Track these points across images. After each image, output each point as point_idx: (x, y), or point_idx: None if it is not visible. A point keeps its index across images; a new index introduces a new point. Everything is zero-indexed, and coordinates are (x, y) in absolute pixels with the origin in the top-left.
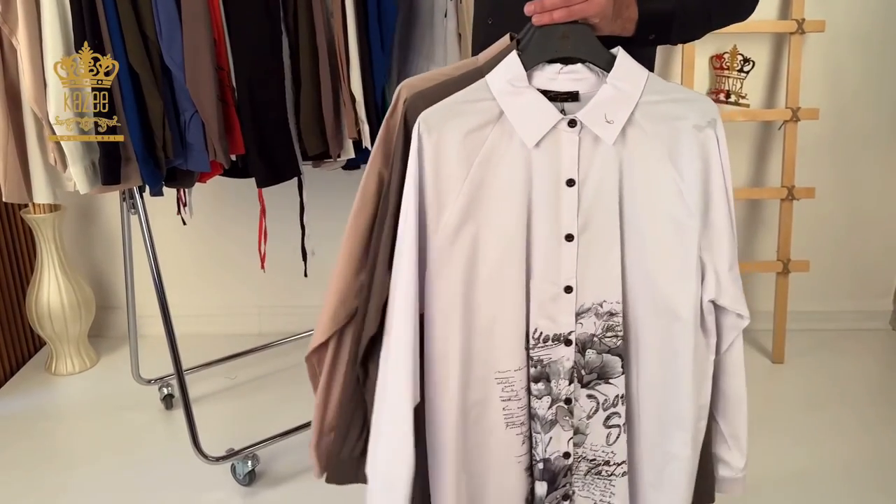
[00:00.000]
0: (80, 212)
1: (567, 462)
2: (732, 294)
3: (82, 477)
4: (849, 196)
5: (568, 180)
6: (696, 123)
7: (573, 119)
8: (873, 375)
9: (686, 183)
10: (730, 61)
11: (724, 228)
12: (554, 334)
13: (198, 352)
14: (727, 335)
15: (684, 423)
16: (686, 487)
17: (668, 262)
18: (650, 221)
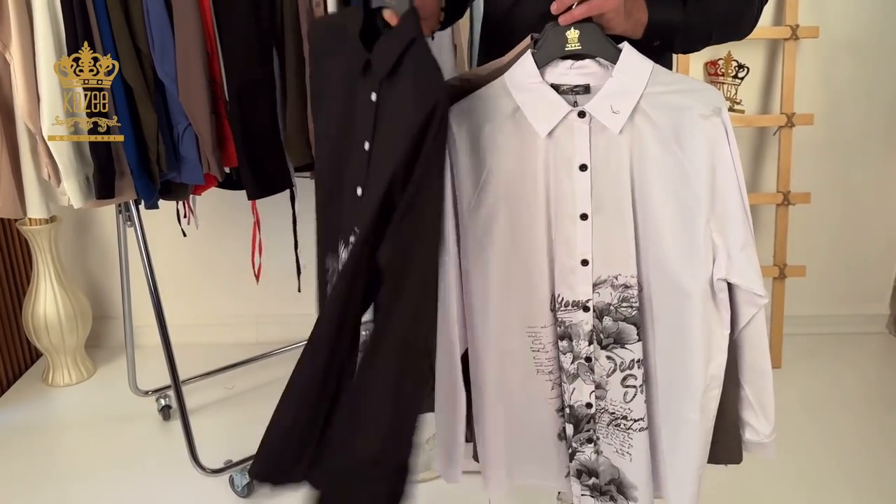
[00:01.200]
0: (76, 223)
1: (589, 411)
2: (746, 273)
3: (79, 489)
4: (844, 201)
5: (581, 165)
6: (701, 112)
7: (582, 110)
8: (870, 380)
9: (693, 167)
10: (724, 68)
11: (735, 210)
12: (573, 300)
13: (195, 362)
14: (745, 312)
15: (693, 390)
16: (698, 448)
17: (677, 241)
18: (660, 204)
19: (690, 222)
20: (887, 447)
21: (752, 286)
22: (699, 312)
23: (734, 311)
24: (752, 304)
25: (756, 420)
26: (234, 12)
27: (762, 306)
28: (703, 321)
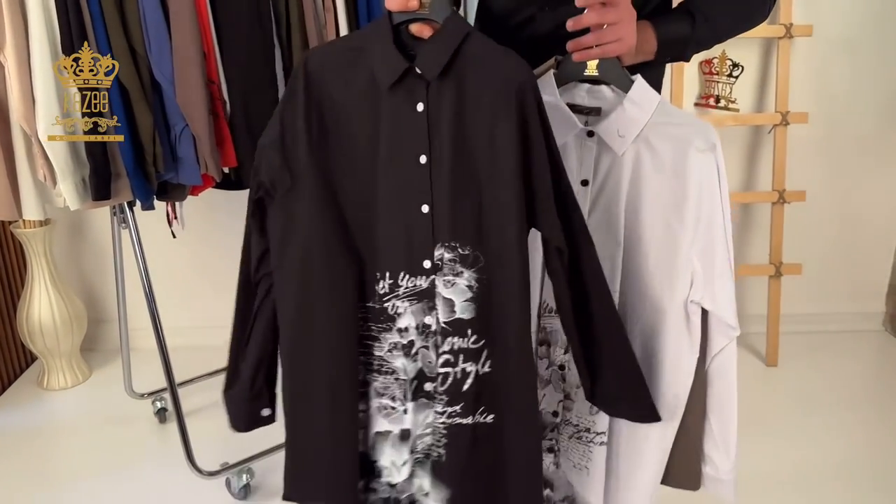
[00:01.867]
0: (70, 226)
1: (555, 420)
2: (720, 301)
3: (75, 493)
4: (839, 198)
5: (582, 181)
6: (697, 146)
7: (591, 130)
8: (867, 377)
9: (684, 195)
10: (719, 66)
11: (717, 240)
12: (555, 308)
13: (191, 364)
14: (717, 341)
15: (658, 406)
16: (654, 468)
17: (659, 261)
18: (648, 225)
19: (674, 245)
20: (884, 444)
21: (723, 315)
22: (672, 332)
23: (707, 339)
24: (723, 335)
25: (717, 454)
26: (235, 13)
27: (733, 338)
28: (675, 342)
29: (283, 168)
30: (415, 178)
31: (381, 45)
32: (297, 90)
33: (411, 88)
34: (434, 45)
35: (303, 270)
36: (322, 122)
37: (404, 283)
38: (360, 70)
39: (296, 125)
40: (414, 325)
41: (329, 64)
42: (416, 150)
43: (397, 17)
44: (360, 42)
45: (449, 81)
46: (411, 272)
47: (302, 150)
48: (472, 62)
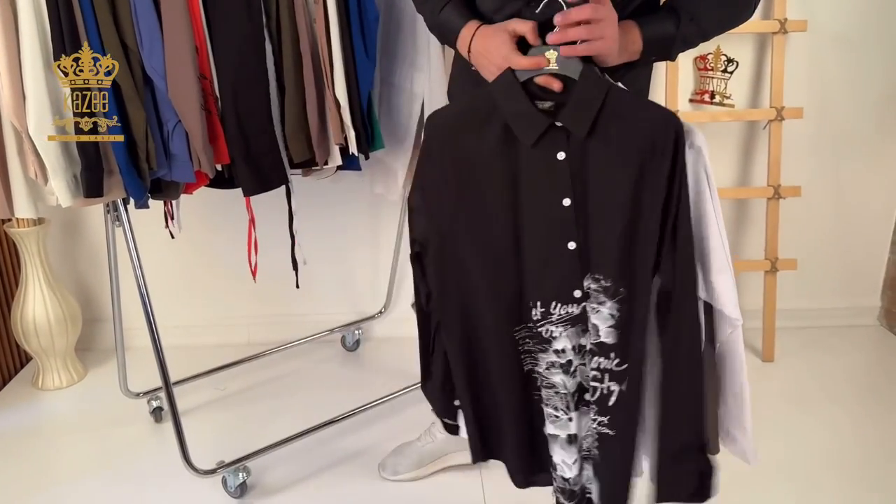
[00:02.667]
0: (64, 225)
1: None
2: (721, 298)
3: (71, 493)
4: (835, 193)
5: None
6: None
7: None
8: (862, 372)
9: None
10: (713, 62)
11: (712, 236)
12: None
13: (187, 363)
14: (722, 329)
15: None
16: None
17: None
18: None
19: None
20: (879, 439)
21: (725, 309)
22: None
23: (713, 327)
24: (728, 324)
25: (736, 430)
26: (226, 7)
27: (738, 326)
28: None
29: (431, 228)
30: (559, 219)
31: (515, 103)
32: (432, 154)
33: (551, 140)
34: (578, 102)
35: (462, 310)
36: (460, 178)
37: (556, 311)
38: (492, 126)
39: (436, 188)
40: (570, 347)
41: (458, 125)
42: (559, 195)
43: (523, 73)
44: (486, 101)
45: (603, 130)
46: (562, 301)
47: (444, 210)
48: (616, 115)
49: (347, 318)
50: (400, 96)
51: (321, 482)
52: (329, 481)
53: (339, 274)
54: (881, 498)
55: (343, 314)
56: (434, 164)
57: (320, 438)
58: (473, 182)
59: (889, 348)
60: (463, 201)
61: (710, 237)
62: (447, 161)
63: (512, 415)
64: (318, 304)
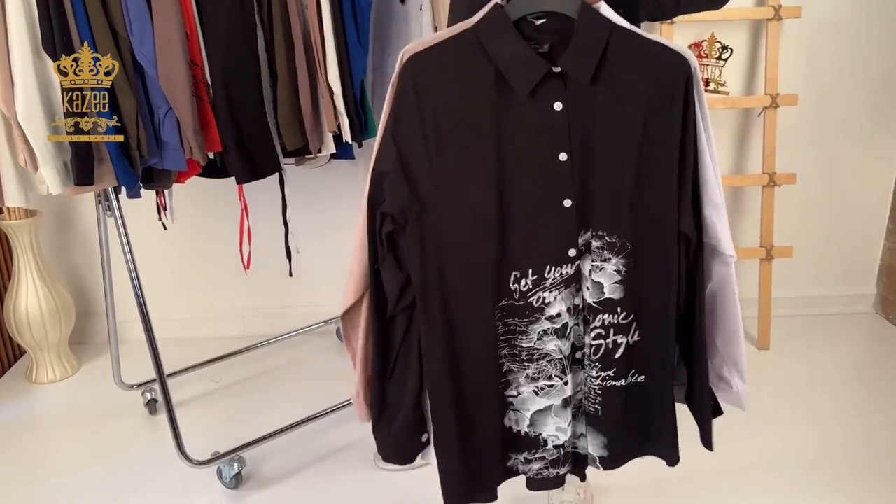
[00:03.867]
0: (57, 217)
1: None
2: (712, 231)
3: (66, 486)
4: (830, 180)
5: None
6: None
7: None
8: (858, 360)
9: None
10: (708, 49)
11: (705, 169)
12: None
13: (182, 355)
14: (715, 267)
15: None
16: None
17: None
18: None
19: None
20: (876, 426)
21: (718, 245)
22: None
23: (705, 267)
24: (720, 262)
25: (728, 372)
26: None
27: (731, 263)
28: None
29: (411, 194)
30: (555, 175)
31: (509, 45)
32: (409, 106)
33: (547, 89)
34: (579, 44)
35: (443, 292)
36: (440, 133)
37: (551, 276)
38: (479, 71)
39: (414, 143)
40: (565, 309)
41: (439, 69)
42: (555, 149)
43: (515, 9)
44: (472, 39)
45: (608, 74)
46: (556, 263)
47: (425, 170)
48: (620, 58)
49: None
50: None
51: (316, 472)
52: (324, 471)
53: (333, 265)
54: (878, 485)
55: (338, 305)
56: (411, 116)
57: (315, 429)
58: (457, 136)
59: (885, 336)
60: (445, 158)
61: (705, 169)
62: (427, 111)
63: (488, 410)
64: (313, 296)
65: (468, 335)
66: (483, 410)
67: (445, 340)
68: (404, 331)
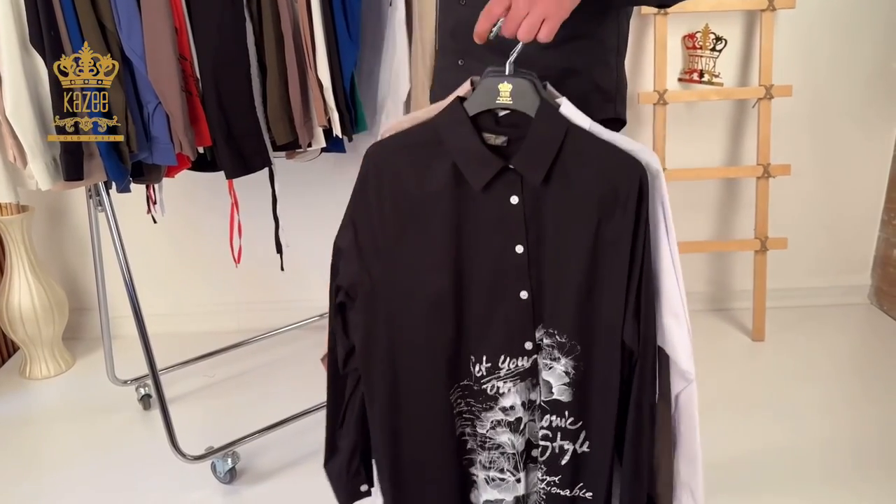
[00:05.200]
0: (49, 212)
1: None
2: (670, 342)
3: (60, 481)
4: (824, 172)
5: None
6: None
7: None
8: (853, 350)
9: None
10: (702, 40)
11: (665, 275)
12: None
13: (176, 350)
14: (675, 383)
15: None
16: None
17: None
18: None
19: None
20: (870, 418)
21: (677, 359)
22: None
23: (667, 379)
24: (681, 378)
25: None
26: None
27: (692, 382)
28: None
29: (362, 272)
30: (511, 267)
31: (465, 140)
32: (368, 190)
33: (504, 182)
34: (533, 144)
35: (391, 368)
36: (398, 219)
37: (505, 365)
38: (438, 165)
39: (370, 228)
40: (520, 403)
41: (400, 160)
42: (511, 241)
43: (474, 106)
44: (432, 135)
45: (560, 174)
46: (511, 354)
47: (379, 253)
48: (575, 159)
49: None
50: (369, 80)
51: (311, 467)
52: (319, 466)
53: (326, 258)
54: (873, 475)
55: None
56: (371, 202)
57: (310, 423)
58: (414, 223)
59: (879, 326)
60: (401, 244)
61: (664, 274)
62: (386, 198)
63: (443, 487)
64: (307, 290)
65: (418, 412)
66: (437, 477)
67: (387, 413)
68: (352, 390)
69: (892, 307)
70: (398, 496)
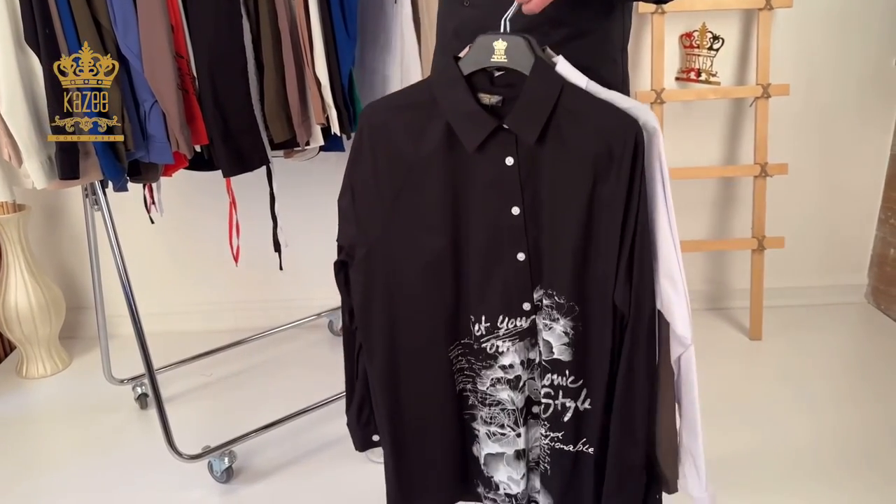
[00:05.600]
0: (46, 211)
1: None
2: (667, 305)
3: (57, 480)
4: (821, 171)
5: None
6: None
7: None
8: (850, 350)
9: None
10: (699, 39)
11: (661, 238)
12: None
13: (173, 349)
14: (673, 348)
15: None
16: None
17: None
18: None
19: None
20: (868, 416)
21: (673, 323)
22: None
23: (666, 346)
24: (678, 343)
25: (689, 469)
26: None
27: (689, 347)
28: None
29: (360, 233)
30: (507, 228)
31: (458, 100)
32: (364, 152)
33: (499, 143)
34: (527, 102)
35: (388, 328)
36: (394, 181)
37: (504, 325)
38: (433, 126)
39: (366, 190)
40: (519, 362)
41: (394, 121)
42: (507, 203)
43: (468, 65)
44: (427, 95)
45: (556, 133)
46: (510, 314)
47: (376, 215)
48: (570, 117)
49: (334, 302)
50: (374, 78)
51: (308, 466)
52: (316, 465)
53: (324, 257)
54: (870, 475)
55: (329, 298)
56: (366, 164)
57: (307, 422)
58: (410, 185)
59: (876, 326)
60: (397, 206)
61: (660, 234)
62: (381, 160)
63: (443, 442)
64: (305, 289)
65: (417, 369)
66: (436, 432)
67: (385, 370)
68: (359, 346)
69: (889, 306)
70: (397, 449)
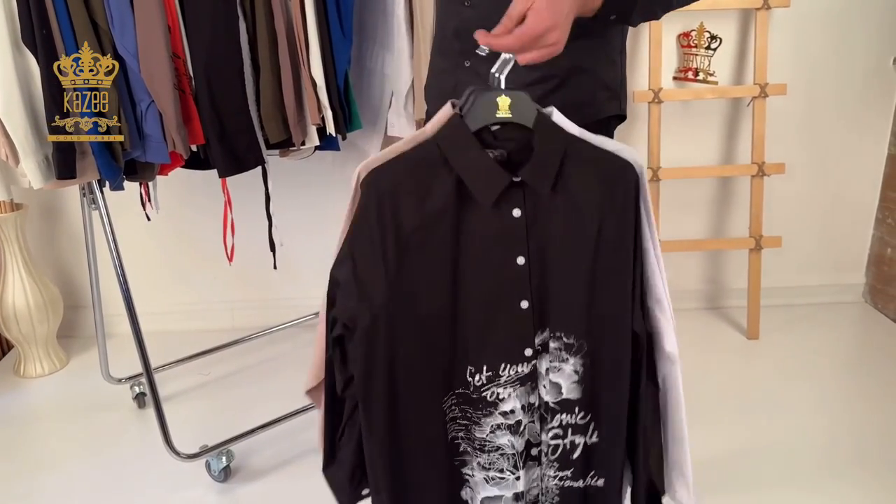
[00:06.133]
0: (43, 210)
1: None
2: (654, 323)
3: (55, 479)
4: (819, 170)
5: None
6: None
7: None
8: (847, 349)
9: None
10: (697, 39)
11: (651, 272)
12: None
13: (171, 348)
14: (661, 365)
15: None
16: None
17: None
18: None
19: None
20: (865, 416)
21: (660, 338)
22: None
23: (656, 365)
24: (666, 360)
25: (681, 484)
26: None
27: (676, 363)
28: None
29: (362, 305)
30: (512, 278)
31: (473, 157)
32: (370, 220)
33: (508, 196)
34: (539, 157)
35: (389, 397)
36: (399, 248)
37: (506, 373)
38: (440, 183)
39: (370, 259)
40: (519, 407)
41: (402, 185)
42: (513, 254)
43: (475, 120)
44: (434, 153)
45: (563, 184)
46: (511, 362)
47: (379, 284)
48: (573, 165)
49: None
50: (372, 78)
51: (305, 465)
52: (314, 464)
53: (321, 257)
54: (866, 474)
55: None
56: (373, 232)
57: (304, 422)
58: (416, 248)
59: (874, 325)
60: (402, 271)
61: (648, 265)
62: (388, 229)
63: (441, 491)
64: (302, 288)
65: (417, 427)
66: (433, 483)
67: (386, 441)
68: (350, 412)
69: (886, 305)
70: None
